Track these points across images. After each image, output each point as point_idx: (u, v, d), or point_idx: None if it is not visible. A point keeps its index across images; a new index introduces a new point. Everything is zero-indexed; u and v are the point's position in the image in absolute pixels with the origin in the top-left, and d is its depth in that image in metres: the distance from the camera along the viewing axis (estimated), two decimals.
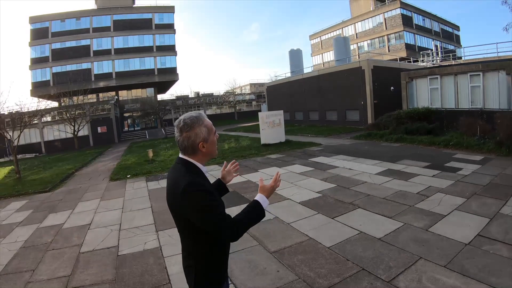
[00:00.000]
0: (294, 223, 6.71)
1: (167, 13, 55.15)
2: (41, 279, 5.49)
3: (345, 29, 59.78)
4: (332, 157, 14.24)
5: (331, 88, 30.89)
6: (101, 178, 15.63)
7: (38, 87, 49.69)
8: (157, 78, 53.82)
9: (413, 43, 51.12)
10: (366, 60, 27.54)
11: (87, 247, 6.73)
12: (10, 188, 15.11)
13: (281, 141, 19.92)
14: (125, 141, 42.20)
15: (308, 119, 35.48)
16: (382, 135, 18.47)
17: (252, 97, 73.36)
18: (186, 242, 2.31)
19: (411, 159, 12.12)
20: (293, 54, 45.22)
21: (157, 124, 52.59)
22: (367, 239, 5.56)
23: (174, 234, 6.82)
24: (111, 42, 52.11)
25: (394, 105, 22.59)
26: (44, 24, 50.37)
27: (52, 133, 40.16)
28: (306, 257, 5.16)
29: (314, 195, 8.59)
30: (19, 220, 9.57)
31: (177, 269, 5.23)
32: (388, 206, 7.12)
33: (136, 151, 25.90)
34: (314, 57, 67.66)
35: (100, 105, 45.31)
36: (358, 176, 10.23)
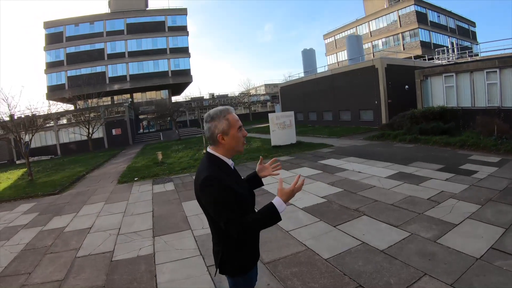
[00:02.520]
0: (293, 231, 6.38)
1: (180, 15, 55.29)
2: (35, 282, 5.59)
3: (359, 27, 59.11)
4: (342, 159, 13.81)
5: (344, 87, 30.35)
6: (110, 180, 15.64)
7: (53, 90, 50.43)
8: (171, 80, 53.99)
9: (428, 40, 50.15)
10: (380, 59, 26.93)
11: (83, 251, 6.76)
12: (21, 190, 15.38)
13: (292, 142, 19.50)
14: (139, 143, 42.37)
15: (322, 119, 34.95)
16: (395, 136, 17.91)
17: (266, 98, 73.31)
18: (213, 229, 2.44)
19: (424, 161, 11.61)
20: (306, 54, 44.83)
21: (171, 126, 52.69)
22: (369, 251, 5.16)
23: (170, 240, 6.74)
24: (125, 45, 52.52)
25: (409, 104, 21.98)
26: (59, 28, 51.15)
27: (67, 135, 40.58)
28: (300, 270, 4.83)
29: (318, 201, 8.23)
30: (24, 223, 9.70)
31: (167, 278, 5.15)
32: (396, 214, 6.69)
33: (148, 153, 25.87)
34: (329, 57, 67.14)
35: (114, 108, 45.54)
36: (367, 180, 9.81)
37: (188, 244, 6.41)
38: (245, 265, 2.48)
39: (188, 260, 5.69)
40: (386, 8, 54.22)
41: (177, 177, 14.00)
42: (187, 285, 4.86)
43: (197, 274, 5.11)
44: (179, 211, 8.79)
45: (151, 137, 48.19)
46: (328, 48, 67.64)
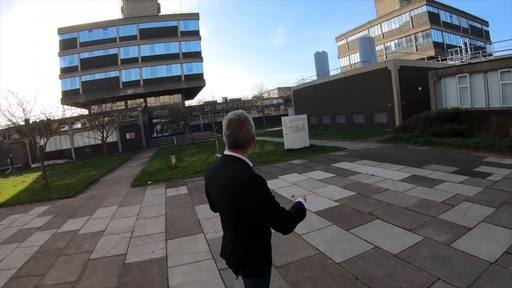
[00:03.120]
0: (305, 235, 6.34)
1: (192, 20, 55.68)
2: (49, 283, 5.67)
3: (371, 29, 58.82)
4: (356, 162, 13.71)
5: (357, 90, 30.19)
6: (124, 184, 15.78)
7: (68, 95, 51.18)
8: (184, 84, 54.34)
9: (441, 41, 49.64)
10: (392, 60, 26.75)
11: (96, 254, 6.83)
12: (36, 194, 15.62)
13: (305, 146, 19.41)
14: (153, 147, 42.69)
15: (335, 122, 34.81)
16: (409, 138, 17.75)
17: (279, 101, 73.35)
18: (240, 234, 2.47)
19: (438, 164, 11.45)
20: (319, 57, 44.76)
21: (185, 129, 52.96)
22: (382, 255, 5.09)
23: (182, 244, 6.76)
24: (138, 50, 53.09)
25: (423, 106, 21.76)
26: (72, 34, 51.97)
27: (82, 139, 41.15)
28: (312, 274, 4.80)
29: (331, 204, 8.18)
30: (39, 225, 9.88)
31: (179, 281, 5.16)
32: (409, 217, 6.60)
33: (162, 157, 26.02)
34: (341, 59, 66.91)
35: (128, 112, 46.05)
36: (381, 183, 9.72)
37: (200, 247, 6.42)
38: (269, 263, 2.56)
39: (200, 263, 5.69)
40: (398, 9, 53.83)
41: (190, 181, 14.05)
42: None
43: (209, 278, 5.11)
44: (192, 215, 8.81)
45: (165, 141, 48.51)
46: (341, 50, 67.45)
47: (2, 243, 8.56)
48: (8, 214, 12.16)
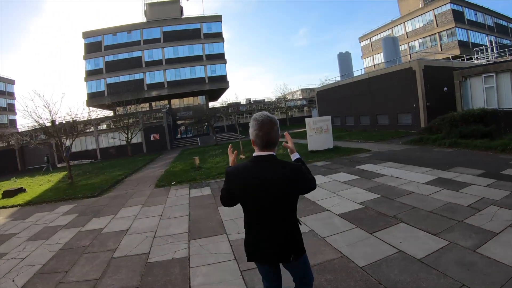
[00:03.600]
0: (329, 237, 6.28)
1: (215, 22, 56.17)
2: (72, 280, 5.79)
3: (394, 29, 57.97)
4: (380, 164, 13.52)
5: (381, 91, 29.79)
6: (148, 184, 15.96)
7: (93, 97, 52.46)
8: (207, 86, 54.81)
9: (466, 39, 48.53)
10: (417, 60, 26.32)
11: (120, 252, 6.94)
12: (61, 192, 16.02)
13: (329, 147, 19.26)
14: (177, 148, 43.09)
15: (359, 123, 34.43)
16: (434, 140, 17.38)
17: (303, 102, 73.04)
18: (288, 219, 2.78)
19: (464, 166, 11.16)
20: (342, 58, 44.39)
21: (208, 131, 53.29)
22: (406, 260, 4.98)
23: (205, 244, 6.79)
24: (162, 53, 53.94)
25: (448, 107, 21.35)
26: (97, 38, 53.27)
27: (107, 140, 42.01)
28: (335, 277, 4.74)
29: (355, 207, 8.07)
30: (64, 223, 10.12)
31: (200, 281, 5.19)
32: (434, 221, 6.45)
33: (186, 158, 26.22)
34: (365, 60, 66.19)
35: (152, 114, 46.65)
36: (405, 186, 9.54)
37: (223, 248, 6.44)
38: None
39: (223, 264, 5.71)
40: (422, 8, 52.85)
41: (214, 182, 14.11)
42: None
43: (230, 278, 5.12)
44: (215, 216, 8.83)
45: (189, 142, 48.96)
46: (364, 51, 66.74)
47: (27, 240, 8.82)
48: (34, 212, 12.51)
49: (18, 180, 25.16)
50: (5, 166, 39.44)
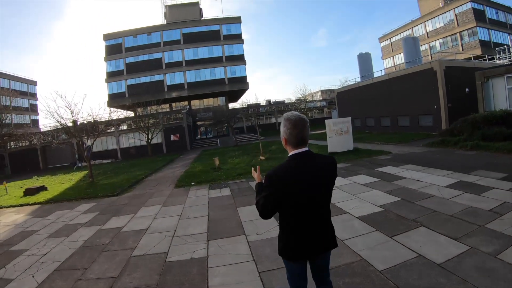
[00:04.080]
0: (348, 240, 6.23)
1: (234, 23, 56.51)
2: (91, 277, 5.91)
3: (415, 28, 57.05)
4: (400, 166, 13.33)
5: (402, 92, 29.40)
6: (168, 184, 16.09)
7: (114, 98, 53.36)
8: (227, 87, 55.11)
9: (487, 39, 47.31)
10: (438, 61, 25.86)
11: (139, 251, 7.04)
12: (82, 191, 16.33)
13: (349, 149, 19.11)
14: (197, 149, 43.25)
15: (380, 125, 34.07)
16: (456, 142, 17.05)
17: (323, 103, 72.59)
18: (328, 210, 2.99)
19: (486, 170, 10.91)
20: (362, 58, 44.02)
21: (228, 132, 53.45)
22: (425, 264, 4.91)
23: (223, 245, 6.84)
24: (182, 54, 54.50)
25: (470, 108, 20.94)
26: (118, 40, 54.28)
27: (128, 140, 42.57)
28: (353, 281, 4.72)
29: (375, 210, 8.00)
30: (84, 221, 10.34)
31: (218, 281, 5.22)
32: (455, 225, 6.33)
33: (205, 158, 26.32)
34: (385, 60, 65.37)
35: (173, 114, 46.96)
36: (426, 189, 9.38)
37: (241, 249, 6.47)
38: None
39: (241, 265, 5.73)
40: (442, 7, 51.79)
41: (233, 183, 14.15)
42: None
43: (248, 279, 5.14)
44: (235, 216, 8.88)
45: (208, 143, 49.12)
46: (384, 51, 65.95)
47: (48, 237, 9.04)
48: (55, 210, 12.80)
49: (39, 179, 25.80)
50: (27, 164, 40.46)
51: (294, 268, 3.02)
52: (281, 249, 2.95)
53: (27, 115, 64.13)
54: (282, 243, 2.94)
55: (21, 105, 60.24)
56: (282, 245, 2.94)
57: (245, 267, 5.61)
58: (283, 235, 2.94)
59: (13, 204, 15.07)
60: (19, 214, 13.00)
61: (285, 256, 2.95)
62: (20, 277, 6.29)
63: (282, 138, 2.86)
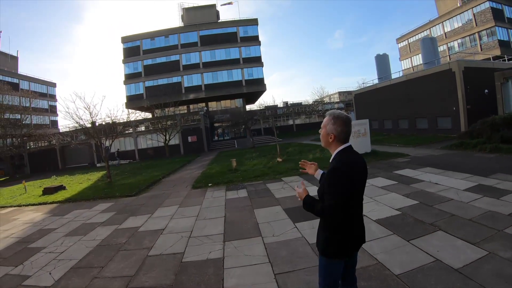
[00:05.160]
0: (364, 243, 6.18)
1: (251, 25, 56.49)
2: (107, 276, 6.01)
3: (432, 29, 56.09)
4: (419, 169, 13.19)
5: (420, 93, 29.07)
6: (185, 185, 16.22)
7: (132, 100, 53.95)
8: (244, 89, 55.13)
9: (507, 39, 46.10)
10: (456, 61, 25.51)
11: (155, 251, 7.13)
12: (100, 191, 16.55)
13: (366, 151, 18.83)
14: (214, 150, 43.50)
15: (398, 127, 33.71)
16: (475, 145, 16.77)
17: (341, 105, 72.13)
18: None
19: (505, 173, 10.68)
20: (380, 60, 43.72)
21: (245, 133, 53.49)
22: (442, 269, 4.85)
23: (240, 246, 6.87)
24: (199, 56, 54.80)
25: (489, 110, 20.58)
26: (136, 43, 54.91)
27: (145, 141, 43.03)
28: (369, 284, 4.69)
29: (392, 213, 7.94)
30: (102, 221, 10.52)
31: (233, 283, 5.25)
32: (473, 230, 6.23)
33: (223, 160, 26.40)
34: (403, 61, 64.58)
35: (190, 116, 47.22)
36: (444, 192, 9.26)
37: (257, 251, 6.48)
38: None
39: (256, 266, 5.76)
40: (460, 7, 50.70)
41: (250, 184, 14.18)
42: None
43: (264, 281, 5.16)
44: (251, 218, 8.91)
45: (226, 144, 49.24)
46: (402, 52, 65.18)
47: (65, 235, 9.23)
48: (73, 209, 13.04)
49: (58, 178, 26.25)
50: (46, 164, 41.23)
51: (339, 266, 3.02)
52: (336, 247, 2.90)
53: (46, 116, 65.31)
54: (336, 241, 2.88)
55: (40, 106, 61.43)
56: (338, 242, 2.89)
57: (261, 269, 5.62)
58: (336, 233, 2.86)
59: (32, 203, 15.41)
60: (38, 212, 13.29)
61: (342, 254, 2.94)
62: (37, 274, 6.44)
63: (329, 134, 2.95)
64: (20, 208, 14.81)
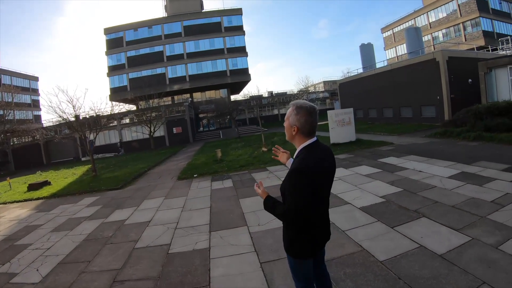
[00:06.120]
0: (349, 231, 6.26)
1: (235, 15, 56.11)
2: (94, 270, 5.97)
3: (417, 19, 56.45)
4: (403, 157, 13.32)
5: (404, 82, 29.21)
6: (170, 177, 16.18)
7: (116, 92, 53.42)
8: (229, 79, 54.92)
9: (491, 30, 46.75)
10: (440, 51, 25.68)
11: (142, 243, 7.12)
12: (86, 185, 16.40)
13: (351, 140, 19.08)
14: (199, 141, 43.41)
15: (382, 116, 33.91)
16: (459, 133, 16.94)
17: (325, 95, 72.49)
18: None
19: (488, 161, 10.83)
20: (364, 49, 43.91)
21: (230, 124, 53.47)
22: (427, 255, 4.90)
23: (226, 236, 6.90)
24: (183, 47, 54.32)
25: (473, 99, 20.83)
26: (119, 34, 54.21)
27: (130, 134, 42.61)
28: (354, 271, 4.73)
29: (377, 200, 8.01)
30: (88, 215, 10.42)
31: (220, 272, 5.26)
32: (457, 216, 6.31)
33: (208, 151, 26.38)
34: (388, 51, 64.97)
35: (175, 107, 47.05)
36: (428, 180, 9.37)
37: (243, 240, 6.51)
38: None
39: (243, 255, 5.78)
40: None
41: (235, 175, 14.21)
42: (239, 280, 4.94)
43: (250, 270, 5.18)
44: (237, 208, 8.93)
45: (211, 135, 49.19)
46: (387, 42, 65.53)
47: (51, 231, 9.11)
48: (59, 204, 12.88)
49: (43, 174, 25.91)
50: (31, 160, 40.54)
51: (310, 264, 2.88)
52: (300, 248, 2.76)
53: (29, 111, 64.30)
54: (301, 241, 2.74)
55: (23, 101, 60.57)
56: (302, 243, 2.74)
57: (247, 258, 5.64)
58: (300, 234, 2.70)
59: (17, 200, 15.17)
60: (23, 209, 13.09)
61: (307, 254, 2.78)
62: (25, 271, 6.35)
63: (292, 127, 2.69)
64: (5, 206, 14.56)
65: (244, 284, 4.83)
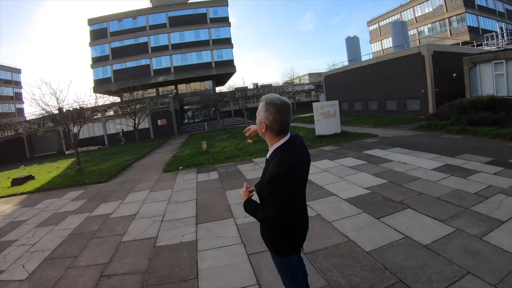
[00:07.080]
0: (335, 222, 6.31)
1: (221, 6, 55.69)
2: (81, 265, 5.89)
3: (403, 13, 56.84)
4: (388, 149, 13.45)
5: (390, 76, 29.40)
6: (155, 169, 16.07)
7: (100, 84, 52.66)
8: (214, 71, 54.59)
9: (476, 25, 47.34)
10: (426, 45, 25.88)
11: (128, 236, 7.05)
12: (70, 179, 16.14)
13: (336, 132, 19.18)
14: (184, 133, 43.16)
15: (367, 109, 34.08)
16: (443, 126, 17.17)
17: (311, 87, 72.49)
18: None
19: (472, 154, 11.03)
20: (350, 42, 43.99)
21: (216, 116, 53.20)
22: (412, 245, 4.99)
23: (212, 228, 6.89)
24: (168, 38, 53.75)
25: (457, 93, 21.00)
26: (102, 25, 53.27)
27: (115, 126, 42.04)
28: (341, 262, 4.78)
29: (362, 192, 8.08)
30: (73, 209, 10.25)
31: (208, 264, 5.26)
32: (441, 207, 6.42)
33: (193, 143, 26.26)
34: (373, 44, 65.39)
35: (159, 99, 46.62)
36: (413, 172, 9.49)
37: (230, 232, 6.52)
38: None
39: (230, 247, 5.79)
40: None
41: (221, 166, 14.20)
42: (227, 272, 4.95)
43: (237, 262, 5.19)
44: (223, 200, 8.93)
45: (196, 127, 48.91)
46: (373, 35, 65.90)
47: (37, 226, 8.96)
48: (43, 199, 12.66)
49: (27, 168, 25.49)
50: (14, 154, 39.77)
51: (295, 260, 2.90)
52: (287, 248, 2.73)
53: (12, 104, 62.94)
54: (286, 242, 2.70)
55: (5, 94, 59.27)
56: (287, 243, 2.71)
57: (234, 250, 5.65)
58: (281, 232, 2.66)
59: (1, 195, 14.84)
60: (7, 204, 12.82)
61: (292, 251, 2.76)
62: (11, 268, 6.24)
63: (261, 124, 2.50)
64: None
65: (232, 276, 4.83)
